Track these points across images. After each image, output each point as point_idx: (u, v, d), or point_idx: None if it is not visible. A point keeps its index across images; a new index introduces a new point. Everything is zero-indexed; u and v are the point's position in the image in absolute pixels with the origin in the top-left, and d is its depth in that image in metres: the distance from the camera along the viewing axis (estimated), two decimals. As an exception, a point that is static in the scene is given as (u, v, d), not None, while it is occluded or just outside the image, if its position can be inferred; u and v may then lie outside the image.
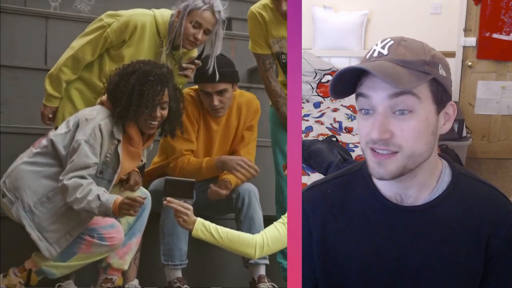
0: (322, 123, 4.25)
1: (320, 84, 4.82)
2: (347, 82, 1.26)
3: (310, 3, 5.04)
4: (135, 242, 2.38)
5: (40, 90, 2.56)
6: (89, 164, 2.10)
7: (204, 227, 2.10)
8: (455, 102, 4.88)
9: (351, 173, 1.41)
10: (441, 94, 1.24)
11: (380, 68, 1.18)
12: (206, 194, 2.57)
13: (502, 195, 1.35)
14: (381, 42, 1.25)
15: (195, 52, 2.61)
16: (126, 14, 2.46)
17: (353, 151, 3.79)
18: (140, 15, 2.45)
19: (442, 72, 1.24)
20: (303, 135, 4.03)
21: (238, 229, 2.48)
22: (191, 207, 2.09)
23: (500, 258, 1.30)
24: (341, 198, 1.37)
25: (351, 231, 1.34)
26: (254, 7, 2.71)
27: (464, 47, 4.79)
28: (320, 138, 3.93)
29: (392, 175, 1.23)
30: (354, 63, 5.06)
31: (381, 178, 1.24)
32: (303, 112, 4.42)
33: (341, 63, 5.01)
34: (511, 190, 4.29)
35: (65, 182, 2.06)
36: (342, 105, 4.54)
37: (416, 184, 1.28)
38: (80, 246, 2.21)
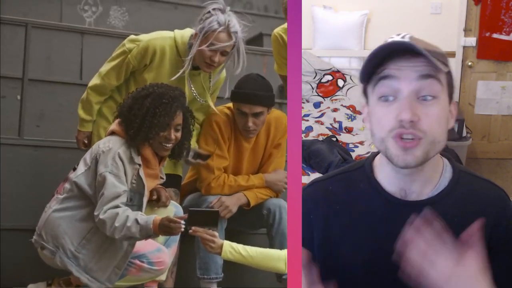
0: (322, 123, 4.25)
1: (320, 84, 4.81)
2: (372, 67, 1.26)
3: (310, 3, 5.04)
4: (171, 253, 2.40)
5: (76, 105, 2.61)
6: (119, 193, 2.11)
7: (232, 249, 2.14)
8: (455, 101, 4.88)
9: (352, 170, 1.41)
10: (452, 89, 1.28)
11: (416, 45, 1.19)
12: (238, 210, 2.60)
13: (501, 190, 1.37)
14: (398, 35, 1.26)
15: (217, 71, 2.58)
16: (145, 39, 2.46)
17: (353, 151, 3.79)
18: (160, 39, 2.46)
19: (451, 70, 1.27)
20: (303, 135, 4.03)
21: (270, 244, 2.53)
22: (216, 233, 2.14)
23: (501, 251, 1.32)
24: (343, 194, 1.38)
25: (353, 227, 1.34)
26: (277, 30, 2.71)
27: (464, 47, 4.79)
28: (320, 138, 3.93)
29: (417, 161, 1.22)
30: (354, 63, 5.07)
31: (406, 166, 1.23)
32: (303, 112, 4.42)
33: (341, 63, 5.01)
34: (511, 190, 4.29)
35: (101, 216, 2.07)
36: (342, 105, 4.54)
37: (422, 178, 1.29)
38: (130, 269, 2.24)
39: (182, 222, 2.09)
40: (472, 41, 4.74)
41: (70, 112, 3.26)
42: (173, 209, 2.40)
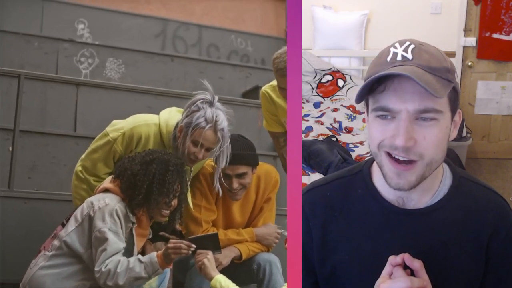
0: (322, 123, 4.25)
1: (320, 84, 4.81)
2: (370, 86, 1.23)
3: (310, 3, 5.04)
4: None
5: (69, 157, 2.55)
6: (120, 248, 2.09)
7: (224, 281, 2.14)
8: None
9: (351, 174, 1.40)
10: (456, 102, 1.24)
11: (417, 75, 1.15)
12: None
13: (501, 198, 1.36)
14: (401, 45, 1.22)
15: (199, 164, 2.53)
16: (129, 126, 2.39)
17: (353, 151, 3.79)
18: (144, 125, 2.40)
19: (457, 79, 1.24)
20: (303, 135, 4.03)
21: None
22: (210, 253, 2.17)
23: (500, 259, 1.31)
24: (341, 200, 1.37)
25: (351, 233, 1.34)
26: (265, 87, 2.70)
27: (464, 47, 4.79)
28: (320, 138, 3.93)
29: (411, 185, 1.22)
30: (354, 63, 5.07)
31: (399, 189, 1.23)
32: (303, 112, 4.42)
33: (341, 63, 5.01)
34: (511, 190, 4.29)
35: (103, 269, 2.05)
36: (342, 105, 4.54)
37: (420, 188, 1.27)
38: None
39: (188, 246, 2.09)
40: (472, 41, 4.74)
41: (63, 164, 3.26)
42: None
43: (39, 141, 3.38)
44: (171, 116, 2.45)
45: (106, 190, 2.20)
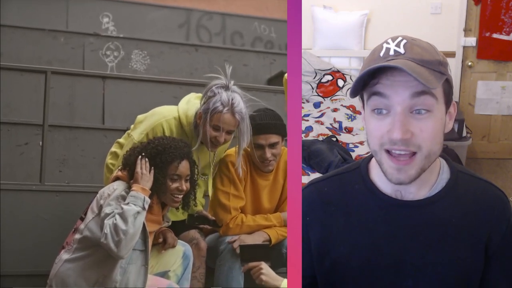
0: (322, 123, 4.25)
1: (320, 84, 4.82)
2: (364, 80, 1.24)
3: (310, 3, 5.05)
4: None
5: (98, 149, 2.57)
6: (114, 213, 2.10)
7: None
8: (455, 101, 4.89)
9: (348, 171, 1.41)
10: (450, 95, 1.26)
11: (409, 67, 1.16)
12: None
13: (500, 191, 1.36)
14: (393, 41, 1.23)
15: (223, 147, 2.57)
16: (150, 126, 2.44)
17: (353, 151, 3.79)
18: (164, 122, 2.44)
19: (450, 72, 1.25)
20: (303, 135, 4.03)
21: None
22: (265, 265, 2.18)
23: (501, 254, 1.32)
24: (339, 195, 1.38)
25: (349, 228, 1.34)
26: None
27: (464, 47, 4.80)
28: (320, 138, 3.93)
29: (412, 179, 1.23)
30: (354, 63, 5.07)
31: (400, 183, 1.24)
32: (303, 112, 4.43)
33: (341, 63, 5.02)
34: (511, 190, 4.30)
35: (106, 231, 2.06)
36: (342, 105, 4.54)
37: (418, 180, 1.28)
38: None
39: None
40: (472, 41, 4.75)
41: (92, 157, 3.32)
42: (182, 248, 2.40)
43: (68, 135, 3.46)
44: (190, 105, 2.49)
45: (117, 178, 2.25)
